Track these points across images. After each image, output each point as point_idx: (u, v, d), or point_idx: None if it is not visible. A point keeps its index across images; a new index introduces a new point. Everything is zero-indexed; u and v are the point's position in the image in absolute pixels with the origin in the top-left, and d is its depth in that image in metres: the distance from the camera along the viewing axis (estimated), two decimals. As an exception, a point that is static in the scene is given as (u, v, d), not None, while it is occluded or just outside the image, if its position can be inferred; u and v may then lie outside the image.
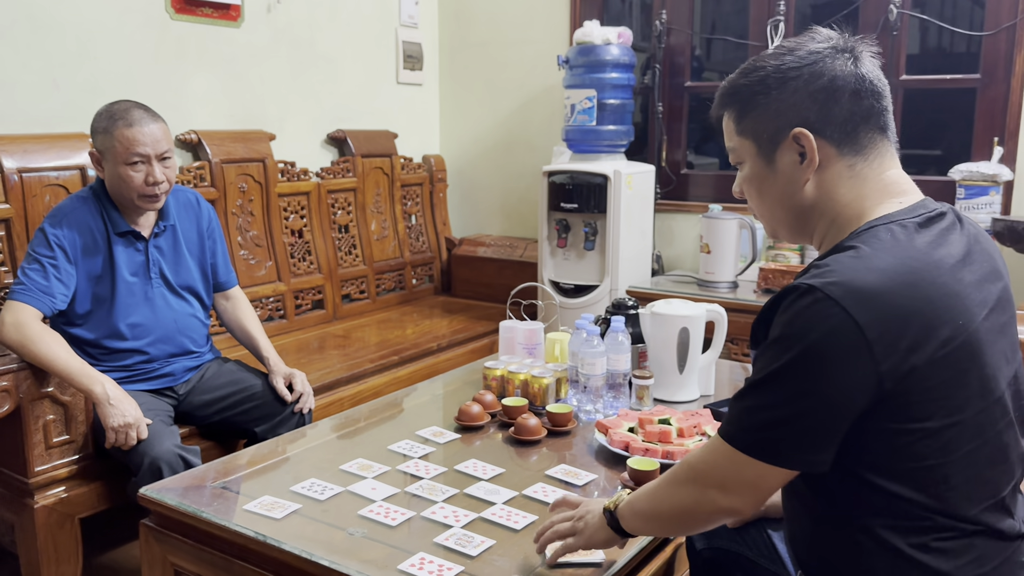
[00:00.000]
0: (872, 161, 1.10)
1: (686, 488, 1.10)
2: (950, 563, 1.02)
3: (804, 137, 1.08)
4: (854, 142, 1.09)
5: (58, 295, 2.01)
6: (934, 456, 1.00)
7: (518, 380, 1.98)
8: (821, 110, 1.08)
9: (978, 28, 3.01)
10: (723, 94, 1.17)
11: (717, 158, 3.69)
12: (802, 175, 1.11)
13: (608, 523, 1.21)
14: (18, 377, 1.92)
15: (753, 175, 1.16)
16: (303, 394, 2.24)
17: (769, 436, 1.01)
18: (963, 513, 1.02)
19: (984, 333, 1.02)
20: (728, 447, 1.03)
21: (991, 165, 2.84)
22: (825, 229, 1.13)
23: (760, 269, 3.05)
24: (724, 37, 3.55)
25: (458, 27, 4.04)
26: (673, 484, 1.13)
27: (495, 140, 4.04)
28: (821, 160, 1.09)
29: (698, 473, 1.09)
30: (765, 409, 1.01)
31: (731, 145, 1.18)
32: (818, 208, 1.12)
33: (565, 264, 3.35)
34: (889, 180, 1.10)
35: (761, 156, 1.14)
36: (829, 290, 0.97)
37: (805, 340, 0.97)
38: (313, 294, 3.34)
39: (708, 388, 2.10)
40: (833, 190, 1.10)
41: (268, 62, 3.25)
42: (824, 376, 0.97)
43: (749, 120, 1.13)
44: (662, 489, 1.15)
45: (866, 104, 1.08)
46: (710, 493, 1.06)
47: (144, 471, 1.89)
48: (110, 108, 2.08)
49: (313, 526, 1.40)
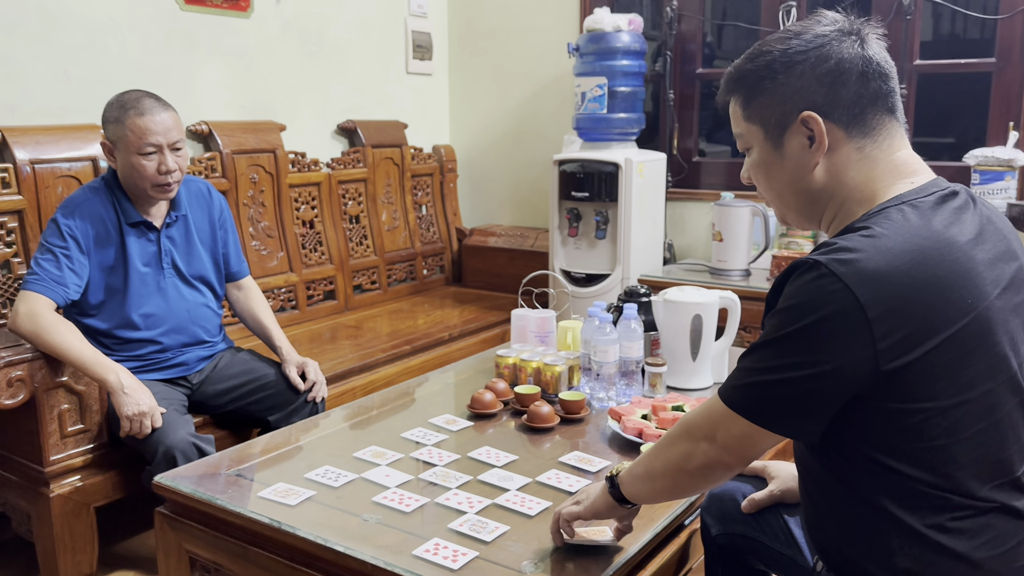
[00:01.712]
0: (881, 142, 1.09)
1: (678, 442, 1.13)
2: (967, 543, 1.01)
3: (813, 120, 1.08)
4: (862, 124, 1.08)
5: (71, 285, 2.02)
6: (942, 436, 0.99)
7: (530, 368, 1.98)
8: (828, 93, 1.07)
9: (992, 12, 2.97)
10: (729, 80, 1.16)
11: (729, 146, 3.67)
12: (811, 159, 1.10)
13: (608, 490, 1.24)
14: (33, 367, 1.93)
15: (761, 160, 1.16)
16: (316, 383, 2.24)
17: (759, 398, 1.03)
18: (973, 493, 1.01)
19: (996, 312, 1.01)
20: (721, 403, 1.07)
21: (1006, 150, 2.81)
22: (835, 212, 1.13)
23: (773, 256, 3.03)
24: (735, 23, 3.52)
25: (467, 16, 4.02)
26: (666, 441, 1.16)
27: (505, 129, 4.03)
28: (830, 143, 1.09)
29: (690, 426, 1.12)
30: (760, 372, 1.03)
31: (738, 131, 1.18)
32: (828, 191, 1.11)
33: (576, 253, 3.34)
34: (899, 161, 1.10)
35: (769, 141, 1.13)
36: (833, 266, 0.98)
37: (806, 313, 0.98)
38: (325, 284, 3.35)
39: (721, 375, 2.09)
40: (843, 173, 1.10)
41: (278, 53, 3.25)
42: (821, 349, 0.98)
43: (756, 105, 1.13)
44: (656, 448, 1.18)
45: (873, 86, 1.08)
46: (700, 445, 1.09)
47: (159, 459, 1.90)
48: (121, 98, 2.08)
49: (327, 512, 1.41)
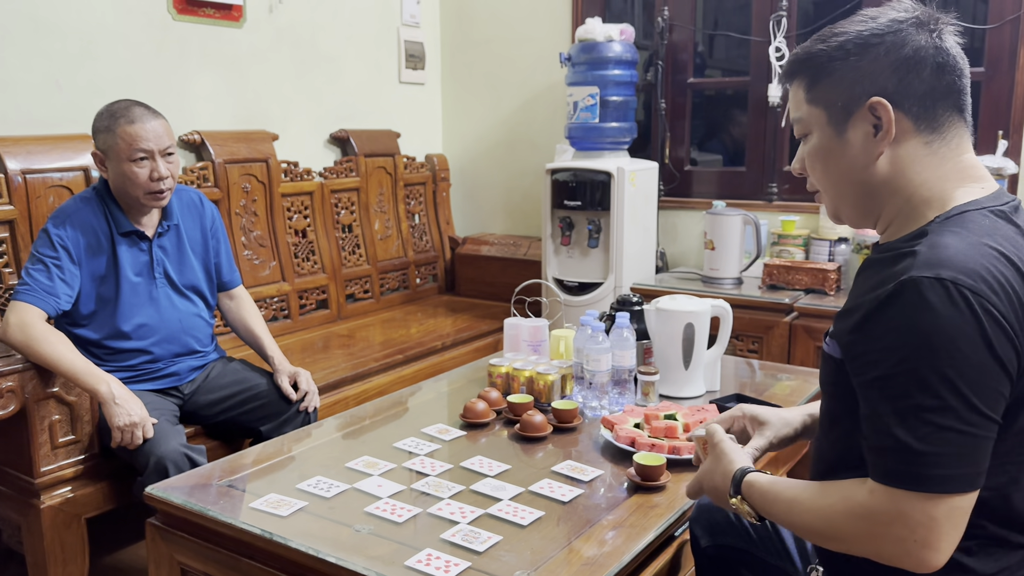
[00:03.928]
0: (950, 141, 1.05)
1: (879, 543, 0.96)
2: (992, 566, 1.01)
3: (882, 107, 1.03)
4: (932, 119, 1.04)
5: (62, 295, 2.02)
6: (1013, 454, 0.98)
7: (523, 377, 1.98)
8: (901, 81, 1.03)
9: (982, 21, 2.99)
10: (795, 61, 1.11)
11: (720, 155, 3.69)
12: (875, 148, 1.05)
13: (731, 487, 1.14)
14: (23, 377, 1.92)
15: (820, 147, 1.10)
16: (308, 392, 2.24)
17: (964, 458, 0.91)
18: (1021, 518, 1.00)
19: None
20: (910, 494, 0.92)
21: (996, 159, 2.83)
22: (896, 210, 1.07)
23: (764, 265, 3.04)
24: (727, 33, 3.54)
25: (460, 26, 4.04)
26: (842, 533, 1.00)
27: (498, 138, 4.04)
28: (897, 134, 1.04)
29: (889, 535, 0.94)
30: (945, 431, 0.90)
31: (797, 115, 1.12)
32: (890, 186, 1.06)
33: (569, 262, 3.34)
34: (967, 163, 1.06)
35: (831, 126, 1.08)
36: (961, 280, 0.91)
37: (953, 340, 0.90)
38: (317, 294, 3.34)
39: (713, 384, 2.10)
40: (908, 168, 1.05)
41: (270, 62, 3.25)
42: (983, 374, 0.91)
43: (822, 87, 1.08)
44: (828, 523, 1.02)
45: (947, 80, 1.04)
46: (912, 548, 0.93)
47: (150, 470, 1.89)
48: (110, 107, 2.08)
49: (319, 523, 1.40)
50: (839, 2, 3.17)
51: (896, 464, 0.93)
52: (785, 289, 2.99)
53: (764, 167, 3.41)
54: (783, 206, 3.35)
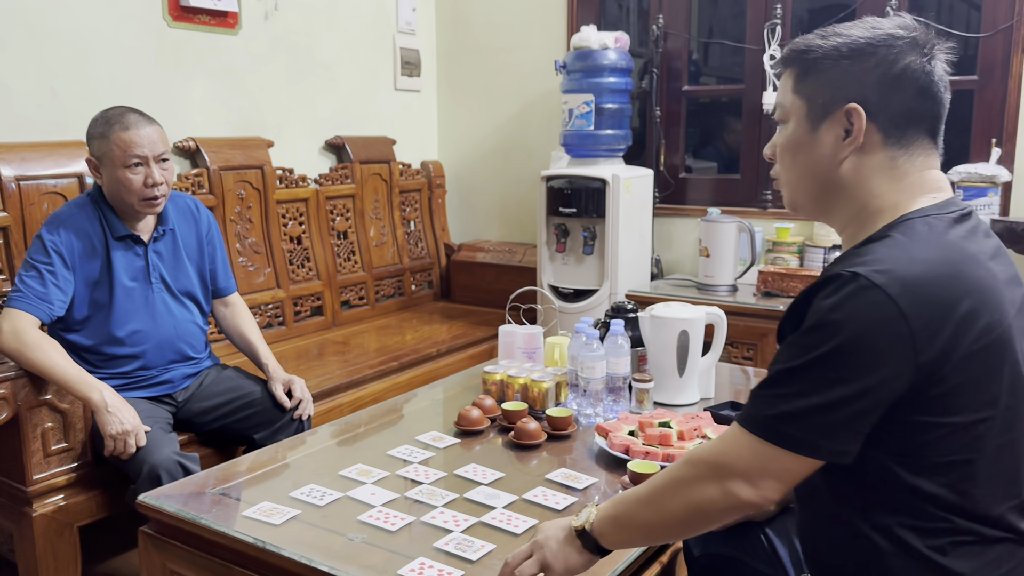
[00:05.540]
0: (915, 159, 1.09)
1: (701, 485, 1.03)
2: (967, 565, 1.01)
3: (856, 115, 1.07)
4: (902, 137, 1.08)
5: (56, 302, 2.01)
6: (964, 451, 0.99)
7: (518, 384, 1.97)
8: (883, 96, 1.06)
9: (975, 30, 3.01)
10: (794, 49, 1.14)
11: (715, 162, 3.70)
12: (841, 152, 1.09)
13: (584, 546, 1.14)
14: (16, 385, 1.91)
15: (793, 137, 1.14)
16: (302, 400, 2.24)
17: (807, 427, 0.97)
18: (986, 512, 1.01)
19: (1015, 331, 1.02)
20: (753, 437, 1.00)
21: (989, 166, 2.84)
22: (852, 215, 1.12)
23: (759, 272, 3.05)
24: (721, 41, 3.55)
25: (455, 33, 4.04)
26: (682, 484, 1.06)
27: (493, 145, 4.04)
28: (865, 144, 1.08)
29: (718, 466, 1.03)
30: (798, 397, 0.97)
31: (781, 100, 1.16)
32: (849, 191, 1.10)
33: (564, 269, 3.34)
34: (928, 178, 1.09)
35: (808, 120, 1.12)
36: (875, 278, 0.96)
37: (849, 327, 0.95)
38: (312, 301, 3.34)
39: (708, 391, 2.10)
40: (869, 178, 1.09)
41: (266, 69, 3.25)
42: (865, 365, 0.95)
43: (810, 81, 1.11)
44: (666, 492, 1.08)
45: (926, 105, 1.08)
46: (732, 486, 1.01)
47: (143, 478, 1.89)
48: (105, 114, 2.08)
49: (313, 532, 1.40)
50: (834, 10, 3.19)
51: (747, 409, 1.03)
52: (780, 296, 2.99)
53: (759, 174, 3.42)
54: (777, 213, 3.36)
